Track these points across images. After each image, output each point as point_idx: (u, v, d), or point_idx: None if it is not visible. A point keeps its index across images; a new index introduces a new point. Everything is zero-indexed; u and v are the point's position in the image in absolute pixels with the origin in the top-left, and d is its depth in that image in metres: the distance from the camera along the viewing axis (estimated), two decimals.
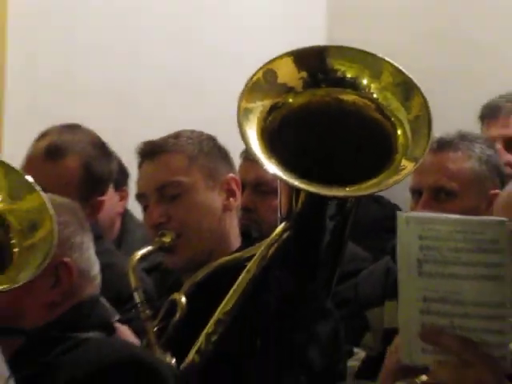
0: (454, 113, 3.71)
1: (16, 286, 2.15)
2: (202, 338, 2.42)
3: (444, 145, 2.91)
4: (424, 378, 1.58)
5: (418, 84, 2.40)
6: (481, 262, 1.50)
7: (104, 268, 2.59)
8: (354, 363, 2.78)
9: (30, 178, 2.44)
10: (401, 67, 2.44)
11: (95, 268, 2.49)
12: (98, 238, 2.72)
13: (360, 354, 2.87)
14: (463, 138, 3.01)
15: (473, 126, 3.79)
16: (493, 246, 1.49)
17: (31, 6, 4.99)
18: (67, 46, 5.11)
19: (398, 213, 1.62)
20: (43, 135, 3.37)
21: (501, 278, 1.50)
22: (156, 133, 3.12)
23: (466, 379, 1.47)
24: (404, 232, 1.59)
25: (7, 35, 4.87)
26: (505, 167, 3.35)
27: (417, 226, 1.57)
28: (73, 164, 3.26)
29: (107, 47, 5.09)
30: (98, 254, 2.55)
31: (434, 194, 2.90)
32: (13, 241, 2.30)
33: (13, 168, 2.52)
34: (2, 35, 4.94)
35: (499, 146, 3.66)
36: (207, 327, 2.43)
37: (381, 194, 3.42)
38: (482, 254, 1.50)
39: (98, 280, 2.50)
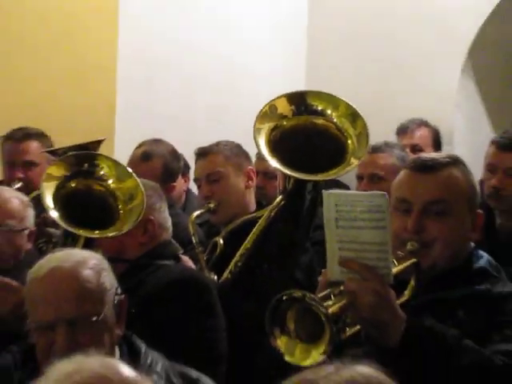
0: (381, 129, 3.57)
1: (122, 233, 2.29)
2: (232, 264, 2.52)
3: (376, 149, 2.90)
4: (341, 287, 1.58)
5: (360, 112, 2.44)
6: (372, 218, 1.55)
7: (174, 224, 2.65)
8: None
9: (129, 169, 2.55)
10: (350, 103, 2.48)
11: (169, 222, 2.54)
12: (170, 206, 2.76)
13: None
14: (387, 145, 3.05)
15: (392, 138, 3.76)
16: (378, 208, 1.54)
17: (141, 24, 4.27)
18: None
19: (323, 191, 1.67)
20: (140, 145, 3.22)
21: (384, 228, 1.55)
22: (207, 141, 3.15)
23: (365, 287, 1.51)
24: (326, 202, 1.61)
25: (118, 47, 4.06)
26: None
27: (334, 198, 1.60)
28: (157, 165, 3.18)
29: (181, 77, 4.56)
30: (171, 215, 2.62)
31: (370, 179, 2.91)
32: (119, 206, 2.39)
33: (120, 163, 2.60)
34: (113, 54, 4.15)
35: (408, 150, 3.60)
36: (235, 257, 2.54)
37: (339, 178, 3.24)
38: (372, 213, 1.55)
39: (171, 230, 2.56)
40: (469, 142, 4.42)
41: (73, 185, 2.46)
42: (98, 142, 2.94)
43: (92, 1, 4.48)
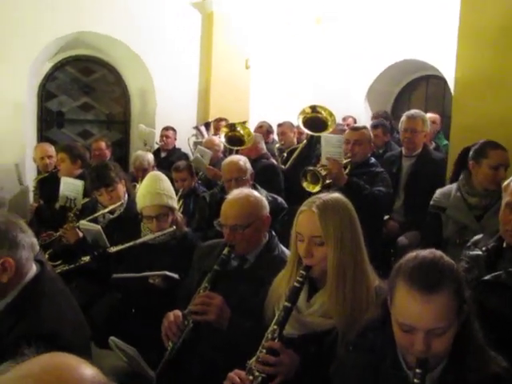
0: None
1: (247, 147, 3.95)
2: (292, 158, 4.20)
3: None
4: (325, 167, 2.73)
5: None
6: (337, 144, 2.77)
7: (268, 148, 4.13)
8: None
9: (248, 127, 4.39)
10: (331, 109, 3.87)
11: (264, 149, 4.17)
12: (266, 143, 4.36)
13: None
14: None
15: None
16: (340, 140, 2.83)
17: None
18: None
19: (321, 135, 3.08)
20: (261, 125, 5.39)
21: (340, 147, 2.75)
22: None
23: (333, 165, 2.69)
24: (323, 138, 2.86)
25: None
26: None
27: (324, 137, 2.88)
28: (265, 130, 5.20)
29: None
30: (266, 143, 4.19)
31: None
32: (244, 138, 4.23)
33: (245, 125, 4.39)
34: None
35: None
36: (291, 159, 4.15)
37: (320, 135, 3.70)
38: (338, 142, 2.75)
39: (265, 149, 4.13)
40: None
41: (230, 133, 4.36)
42: (245, 122, 4.83)
43: None
